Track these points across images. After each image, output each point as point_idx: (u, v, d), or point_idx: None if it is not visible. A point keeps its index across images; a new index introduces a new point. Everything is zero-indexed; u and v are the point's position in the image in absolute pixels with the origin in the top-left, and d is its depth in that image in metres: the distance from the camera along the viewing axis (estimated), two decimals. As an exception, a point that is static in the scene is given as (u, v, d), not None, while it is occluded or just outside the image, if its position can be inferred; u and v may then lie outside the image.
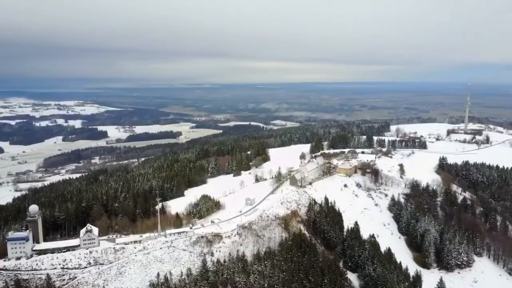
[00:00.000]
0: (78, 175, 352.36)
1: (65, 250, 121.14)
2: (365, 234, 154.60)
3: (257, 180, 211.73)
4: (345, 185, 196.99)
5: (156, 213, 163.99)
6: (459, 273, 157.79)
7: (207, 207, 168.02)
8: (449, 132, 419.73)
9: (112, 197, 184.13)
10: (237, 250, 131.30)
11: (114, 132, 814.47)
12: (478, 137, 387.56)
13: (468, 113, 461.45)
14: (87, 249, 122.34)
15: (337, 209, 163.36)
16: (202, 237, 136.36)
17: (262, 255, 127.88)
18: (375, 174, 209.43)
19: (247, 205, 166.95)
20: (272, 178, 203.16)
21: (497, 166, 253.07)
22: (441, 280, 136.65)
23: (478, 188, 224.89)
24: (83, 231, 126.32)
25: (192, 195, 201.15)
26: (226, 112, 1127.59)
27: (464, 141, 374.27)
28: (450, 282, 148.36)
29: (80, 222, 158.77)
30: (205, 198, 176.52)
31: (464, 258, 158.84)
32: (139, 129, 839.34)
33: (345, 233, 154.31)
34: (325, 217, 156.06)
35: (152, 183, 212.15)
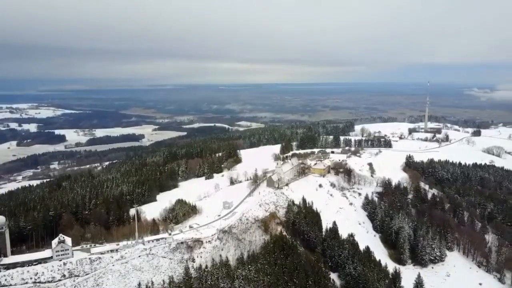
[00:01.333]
0: (37, 182, 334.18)
1: (36, 263, 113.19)
2: (342, 234, 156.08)
3: (232, 182, 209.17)
4: (320, 185, 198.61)
5: (131, 220, 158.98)
6: (432, 268, 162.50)
7: (183, 212, 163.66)
8: (411, 131, 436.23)
9: (82, 204, 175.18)
10: (219, 255, 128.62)
11: (73, 136, 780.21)
12: (438, 136, 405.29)
13: (427, 112, 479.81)
14: (60, 260, 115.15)
15: (315, 209, 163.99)
16: (181, 243, 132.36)
17: (245, 259, 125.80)
18: (348, 173, 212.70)
19: (225, 209, 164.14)
20: (248, 180, 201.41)
21: (460, 163, 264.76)
22: (419, 276, 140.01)
23: (444, 184, 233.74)
24: (55, 241, 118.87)
25: (165, 199, 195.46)
26: (189, 113, 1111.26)
27: (426, 140, 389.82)
28: (425, 277, 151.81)
29: (48, 232, 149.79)
30: (181, 202, 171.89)
31: (437, 253, 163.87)
32: (100, 132, 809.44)
33: (324, 233, 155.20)
34: (304, 218, 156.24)
35: (123, 188, 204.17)
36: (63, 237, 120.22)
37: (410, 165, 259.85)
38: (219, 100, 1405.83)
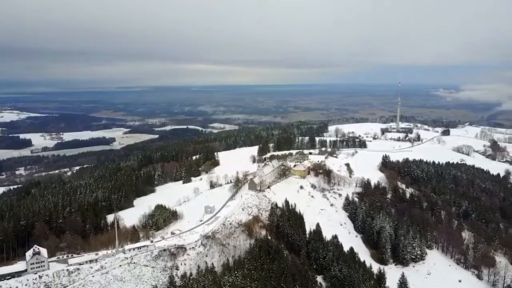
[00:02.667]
0: (3, 189, 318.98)
1: (9, 277, 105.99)
2: (325, 235, 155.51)
3: (212, 186, 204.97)
4: (301, 187, 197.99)
5: (109, 228, 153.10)
6: (413, 266, 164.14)
7: (164, 217, 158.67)
8: (384, 131, 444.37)
9: (55, 212, 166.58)
10: (204, 262, 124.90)
11: (40, 140, 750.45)
12: (410, 135, 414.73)
13: (399, 112, 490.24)
14: (35, 273, 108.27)
15: (298, 211, 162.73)
16: (164, 250, 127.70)
17: (231, 265, 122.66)
18: (328, 174, 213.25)
19: (207, 213, 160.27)
20: (229, 183, 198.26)
21: (433, 162, 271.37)
22: (402, 275, 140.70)
23: (419, 184, 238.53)
24: (29, 253, 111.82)
25: (143, 205, 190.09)
26: (161, 116, 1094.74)
27: (399, 139, 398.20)
28: (407, 276, 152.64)
29: (19, 243, 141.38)
30: (161, 208, 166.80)
31: (418, 252, 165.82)
32: (68, 136, 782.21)
33: (307, 236, 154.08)
34: (287, 220, 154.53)
35: (98, 194, 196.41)
36: (38, 248, 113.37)
37: (386, 165, 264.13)
38: (191, 102, 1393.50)
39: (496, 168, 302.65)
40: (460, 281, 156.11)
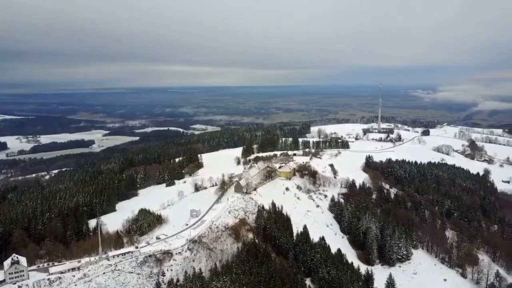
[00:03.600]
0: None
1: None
2: (312, 237, 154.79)
3: (197, 189, 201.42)
4: (287, 189, 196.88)
5: (91, 234, 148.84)
6: (400, 266, 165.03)
7: (148, 222, 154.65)
8: (365, 132, 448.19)
9: (34, 218, 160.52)
10: (191, 267, 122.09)
11: (15, 143, 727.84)
12: (391, 136, 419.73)
13: (380, 113, 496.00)
14: (14, 283, 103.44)
15: (284, 213, 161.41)
16: (150, 256, 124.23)
17: (219, 270, 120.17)
18: (313, 176, 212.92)
19: (193, 217, 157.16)
20: (214, 186, 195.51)
21: (415, 162, 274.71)
22: (390, 276, 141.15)
23: (403, 183, 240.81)
24: (7, 262, 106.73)
25: (125, 209, 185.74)
26: (141, 117, 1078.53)
27: (380, 140, 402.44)
28: (393, 276, 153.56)
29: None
30: (145, 212, 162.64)
31: (404, 252, 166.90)
32: (45, 139, 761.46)
33: (295, 238, 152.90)
34: (274, 223, 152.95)
35: (78, 199, 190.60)
36: (17, 257, 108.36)
37: (369, 165, 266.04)
38: (172, 103, 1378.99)
39: (475, 167, 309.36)
40: (445, 280, 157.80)
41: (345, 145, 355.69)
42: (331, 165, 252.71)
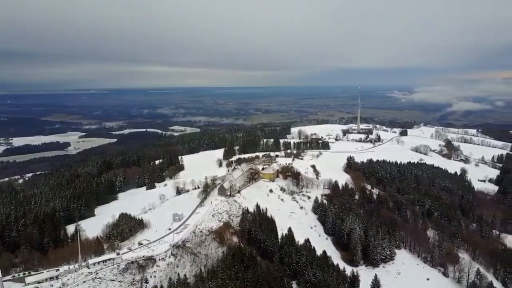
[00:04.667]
0: None
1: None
2: (296, 239, 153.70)
3: (179, 192, 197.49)
4: (271, 190, 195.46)
5: (69, 240, 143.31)
6: (384, 267, 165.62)
7: (129, 227, 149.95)
8: (345, 132, 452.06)
9: (7, 225, 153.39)
10: (176, 273, 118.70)
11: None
12: (371, 136, 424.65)
13: (359, 114, 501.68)
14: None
15: (269, 216, 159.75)
16: (132, 262, 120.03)
17: (204, 275, 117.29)
18: (296, 177, 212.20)
19: (176, 221, 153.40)
20: (196, 188, 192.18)
21: (395, 163, 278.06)
22: (375, 277, 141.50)
23: (384, 184, 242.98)
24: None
25: (105, 214, 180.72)
26: (118, 119, 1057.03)
27: (360, 140, 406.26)
28: (378, 277, 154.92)
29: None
30: (125, 216, 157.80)
31: (387, 253, 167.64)
32: (18, 141, 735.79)
33: (280, 241, 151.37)
34: (259, 226, 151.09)
35: (55, 203, 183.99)
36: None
37: (351, 166, 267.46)
38: (150, 105, 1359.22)
39: (453, 166, 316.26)
40: (428, 279, 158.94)
41: (325, 145, 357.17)
42: (313, 166, 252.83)
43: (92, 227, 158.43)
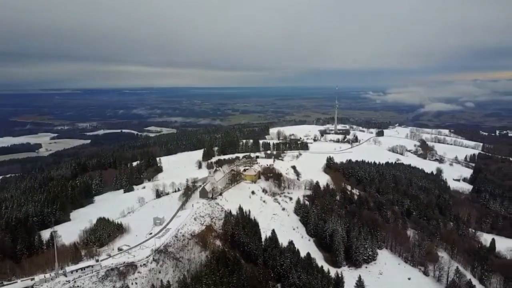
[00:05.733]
0: None
1: None
2: (280, 241, 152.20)
3: (158, 195, 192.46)
4: (253, 192, 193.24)
5: (44, 247, 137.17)
6: (366, 267, 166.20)
7: (108, 232, 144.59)
8: (323, 133, 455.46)
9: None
10: (158, 279, 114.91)
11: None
12: (348, 137, 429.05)
13: (337, 114, 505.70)
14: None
15: (252, 218, 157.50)
16: (112, 269, 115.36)
17: (188, 281, 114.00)
18: (278, 178, 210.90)
19: (157, 225, 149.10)
20: (176, 191, 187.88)
21: (374, 163, 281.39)
22: (359, 278, 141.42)
23: (364, 184, 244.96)
24: None
25: (81, 218, 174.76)
26: (92, 119, 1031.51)
27: (338, 141, 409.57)
28: (361, 277, 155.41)
29: None
30: (103, 221, 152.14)
31: (370, 253, 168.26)
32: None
33: (263, 243, 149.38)
34: (242, 228, 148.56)
35: (28, 208, 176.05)
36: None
37: (330, 166, 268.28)
38: (125, 105, 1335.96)
39: (428, 166, 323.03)
40: (409, 278, 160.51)
41: (304, 146, 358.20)
42: (294, 167, 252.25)
43: (68, 232, 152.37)
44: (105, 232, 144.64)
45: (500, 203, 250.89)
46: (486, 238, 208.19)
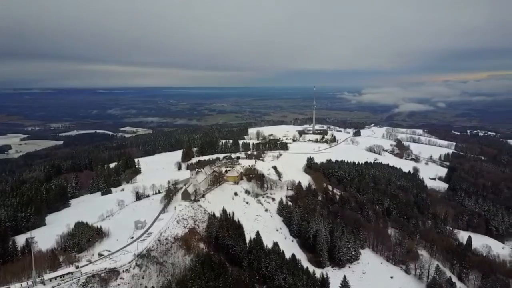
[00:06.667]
0: None
1: None
2: (265, 243, 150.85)
3: (138, 197, 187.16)
4: (236, 193, 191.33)
5: (19, 254, 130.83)
6: (349, 267, 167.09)
7: (87, 237, 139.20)
8: (301, 133, 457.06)
9: None
10: (142, 285, 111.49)
11: None
12: (326, 137, 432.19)
13: (315, 115, 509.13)
14: None
15: (236, 220, 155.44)
16: (93, 276, 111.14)
17: (173, 287, 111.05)
18: (260, 179, 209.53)
19: (138, 229, 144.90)
20: (157, 193, 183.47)
21: (353, 163, 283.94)
22: (344, 278, 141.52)
23: (345, 184, 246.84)
24: None
25: (57, 222, 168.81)
26: (65, 120, 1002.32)
27: (317, 141, 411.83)
28: (346, 278, 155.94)
29: None
30: (82, 225, 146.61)
31: (353, 253, 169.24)
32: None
33: (248, 245, 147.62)
34: (227, 231, 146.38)
35: (0, 213, 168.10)
36: None
37: (311, 167, 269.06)
38: (99, 105, 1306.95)
39: (405, 165, 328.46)
40: (392, 277, 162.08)
41: (284, 146, 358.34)
42: (275, 167, 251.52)
43: (44, 238, 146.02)
44: (84, 237, 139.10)
45: (475, 201, 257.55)
46: (463, 236, 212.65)
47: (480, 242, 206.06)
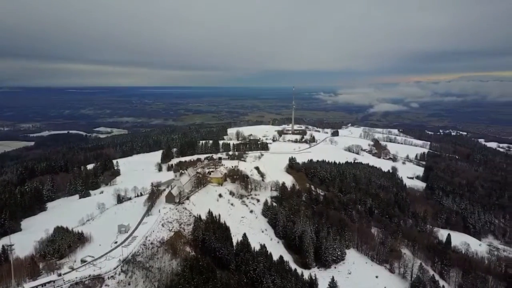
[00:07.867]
0: None
1: None
2: (252, 245, 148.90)
3: (120, 200, 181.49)
4: (220, 195, 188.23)
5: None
6: (335, 267, 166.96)
7: (68, 242, 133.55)
8: (280, 133, 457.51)
9: None
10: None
11: None
12: (305, 137, 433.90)
13: (294, 115, 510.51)
14: None
15: (223, 222, 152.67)
16: (76, 283, 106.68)
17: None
18: (244, 180, 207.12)
19: (122, 233, 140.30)
20: (138, 196, 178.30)
21: (334, 162, 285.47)
22: (332, 279, 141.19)
23: (327, 184, 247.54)
24: None
25: (34, 227, 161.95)
26: (35, 120, 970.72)
27: (296, 141, 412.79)
28: (330, 278, 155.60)
29: None
30: (61, 230, 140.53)
31: (338, 253, 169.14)
32: None
33: (234, 247, 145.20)
34: (213, 233, 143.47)
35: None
36: None
37: (293, 167, 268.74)
38: (71, 105, 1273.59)
39: (384, 165, 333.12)
40: (377, 276, 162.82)
41: (264, 146, 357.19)
42: (257, 168, 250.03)
43: (21, 244, 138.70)
44: (65, 242, 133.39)
45: (452, 200, 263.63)
46: (442, 234, 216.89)
47: (459, 239, 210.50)
